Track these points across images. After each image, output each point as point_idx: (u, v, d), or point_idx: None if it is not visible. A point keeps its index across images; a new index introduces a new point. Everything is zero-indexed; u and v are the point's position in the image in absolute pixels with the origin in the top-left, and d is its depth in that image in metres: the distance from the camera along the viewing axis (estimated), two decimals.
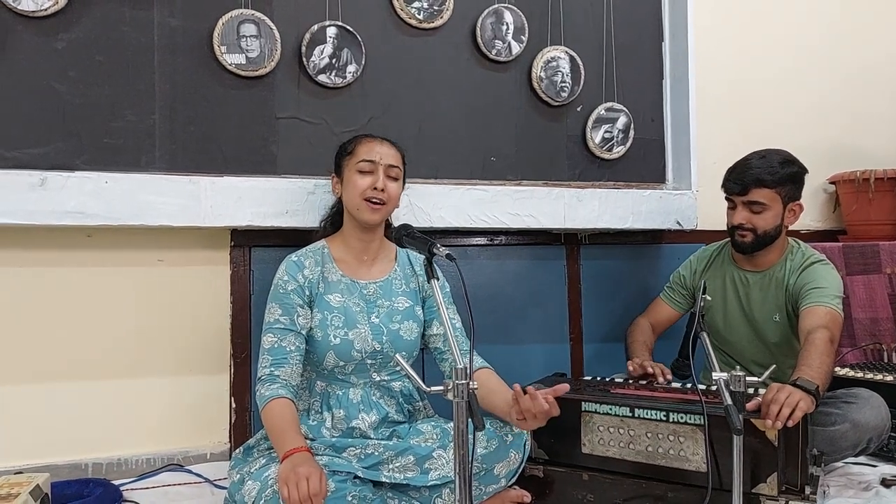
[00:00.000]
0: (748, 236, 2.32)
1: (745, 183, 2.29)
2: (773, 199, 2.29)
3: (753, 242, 2.33)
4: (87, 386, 2.35)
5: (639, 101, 2.94)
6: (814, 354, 2.01)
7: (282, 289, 1.98)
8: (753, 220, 2.30)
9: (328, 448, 1.89)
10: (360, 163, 2.02)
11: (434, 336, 2.13)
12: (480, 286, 2.79)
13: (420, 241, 1.82)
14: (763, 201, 2.28)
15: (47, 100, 2.17)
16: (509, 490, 2.03)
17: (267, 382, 1.87)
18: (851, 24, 3.48)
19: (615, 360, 2.94)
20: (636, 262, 3.06)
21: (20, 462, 2.25)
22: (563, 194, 2.69)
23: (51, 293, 2.31)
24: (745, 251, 2.37)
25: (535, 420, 1.74)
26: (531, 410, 1.73)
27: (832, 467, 2.27)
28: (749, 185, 2.28)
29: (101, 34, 2.22)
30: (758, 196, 2.28)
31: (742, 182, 2.30)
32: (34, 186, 2.08)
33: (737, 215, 2.33)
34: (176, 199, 2.22)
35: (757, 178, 2.27)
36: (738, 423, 1.63)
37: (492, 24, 2.67)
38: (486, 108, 2.71)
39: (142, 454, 2.38)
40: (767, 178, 2.27)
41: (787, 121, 3.33)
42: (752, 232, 2.31)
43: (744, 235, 2.33)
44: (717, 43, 3.19)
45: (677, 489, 1.92)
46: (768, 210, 2.29)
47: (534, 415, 1.73)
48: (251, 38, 2.33)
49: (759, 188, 2.28)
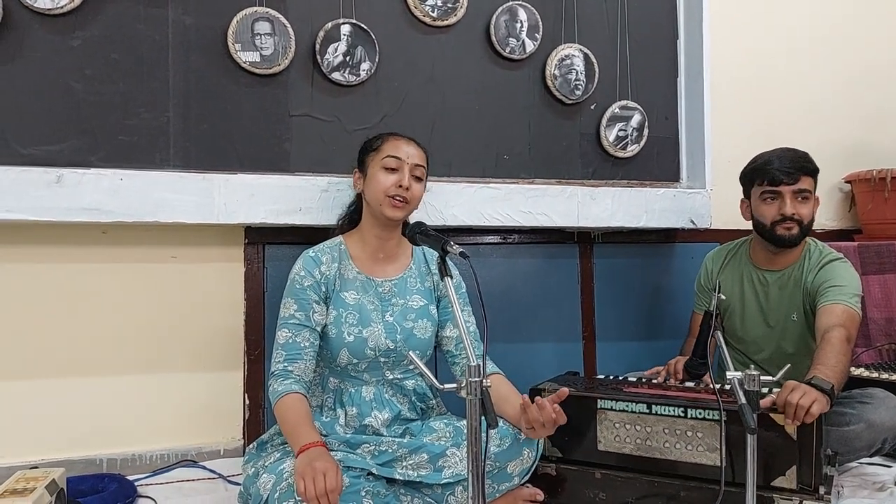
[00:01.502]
0: (795, 228, 2.27)
1: (795, 170, 2.24)
2: (813, 187, 2.28)
3: (799, 235, 2.28)
4: (101, 382, 2.37)
5: (653, 99, 2.92)
6: (830, 353, 2.00)
7: (298, 284, 1.98)
8: (800, 209, 2.27)
9: (342, 444, 1.89)
10: (387, 158, 2.01)
11: (447, 338, 2.12)
12: (493, 284, 2.79)
13: (434, 238, 1.81)
14: (809, 189, 2.26)
15: (63, 97, 2.18)
16: (522, 488, 2.02)
17: (280, 377, 1.87)
18: (867, 21, 3.46)
19: (628, 359, 2.95)
20: (650, 260, 3.05)
21: (36, 457, 2.27)
22: (576, 192, 2.68)
23: (66, 289, 2.33)
24: (792, 244, 2.30)
25: (544, 429, 1.76)
26: (539, 420, 1.74)
27: (846, 467, 2.25)
28: (798, 173, 2.25)
29: (116, 32, 2.24)
30: (806, 184, 2.26)
31: (793, 169, 2.25)
32: (50, 183, 2.09)
33: (788, 206, 2.26)
34: (190, 197, 2.23)
35: (803, 166, 2.25)
36: (753, 422, 1.63)
37: (506, 21, 2.67)
38: (499, 106, 2.71)
39: (156, 450, 2.40)
40: (810, 166, 2.26)
41: (803, 119, 3.31)
42: (798, 224, 2.27)
43: (790, 227, 2.27)
44: (731, 40, 3.18)
45: (690, 488, 1.92)
46: (811, 199, 2.28)
47: (542, 424, 1.74)
48: (265, 36, 2.34)
49: (805, 176, 2.25)
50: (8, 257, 2.27)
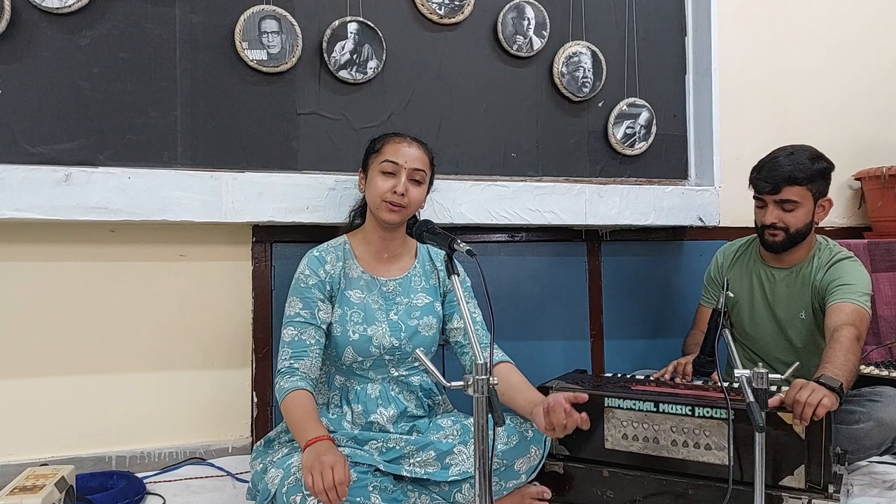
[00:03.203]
0: (780, 235, 2.29)
1: (776, 181, 2.24)
2: (804, 196, 2.25)
3: (785, 241, 2.29)
4: (110, 380, 2.38)
5: (661, 97, 2.92)
6: (839, 352, 1.99)
7: (303, 283, 1.98)
8: (785, 218, 2.27)
9: (350, 440, 1.90)
10: (384, 163, 2.01)
11: (455, 330, 2.12)
12: (501, 282, 2.79)
13: (441, 236, 1.81)
14: (795, 199, 2.25)
15: (71, 96, 2.19)
16: (529, 486, 2.03)
17: (286, 375, 1.88)
18: (877, 18, 3.43)
19: (637, 357, 2.94)
20: (658, 258, 3.04)
21: (46, 454, 2.29)
22: (584, 190, 2.67)
23: (74, 288, 2.34)
24: (776, 250, 2.33)
25: (565, 431, 1.75)
26: (563, 424, 1.73)
27: (856, 466, 2.25)
28: (781, 184, 2.24)
29: (124, 31, 2.24)
30: (790, 194, 2.24)
31: (773, 180, 2.25)
32: (59, 182, 2.10)
33: (768, 215, 2.28)
34: (198, 195, 2.23)
35: (788, 175, 2.23)
36: (761, 420, 1.62)
37: (513, 19, 2.66)
38: (506, 103, 2.70)
39: (164, 447, 2.41)
40: (799, 175, 2.23)
41: (812, 116, 3.29)
42: (783, 231, 2.28)
43: (775, 235, 2.29)
44: (740, 37, 3.16)
45: (698, 486, 1.91)
46: (800, 208, 2.26)
47: (564, 426, 1.74)
48: (272, 34, 2.34)
49: (790, 186, 2.24)
50: (16, 256, 2.28)
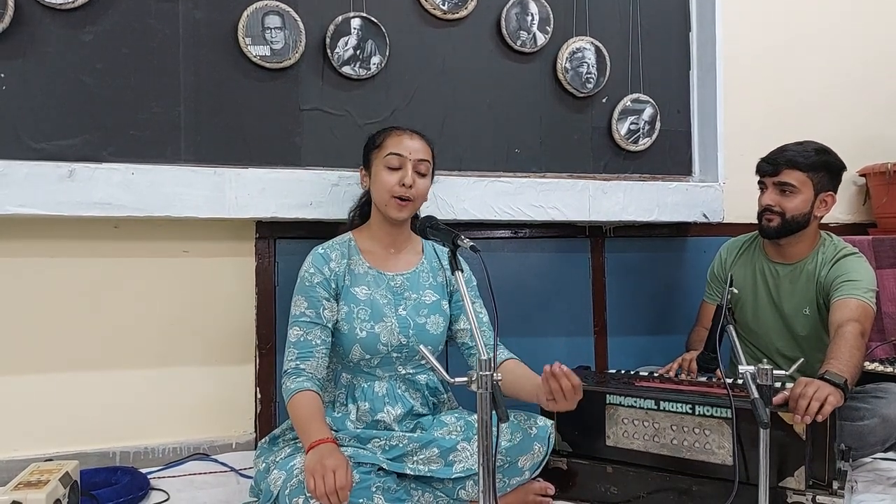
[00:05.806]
0: (775, 220, 2.29)
1: (777, 163, 2.28)
2: (803, 182, 2.26)
3: (780, 227, 2.29)
4: (114, 376, 2.38)
5: (665, 92, 2.91)
6: (843, 348, 1.99)
7: (308, 281, 1.98)
8: (782, 202, 2.28)
9: (352, 439, 1.90)
10: (389, 157, 2.00)
11: (462, 331, 2.12)
12: (504, 279, 2.79)
13: (444, 232, 1.80)
14: (793, 183, 2.26)
15: (75, 92, 2.19)
16: (533, 482, 2.02)
17: (293, 375, 1.88)
18: (883, 13, 3.42)
19: (640, 354, 2.93)
20: (661, 254, 3.03)
21: (50, 450, 2.29)
22: (587, 186, 2.67)
23: (78, 283, 2.34)
24: (770, 236, 2.34)
25: (565, 401, 1.74)
26: (560, 389, 1.72)
27: (860, 463, 2.24)
28: (781, 166, 2.27)
29: (127, 26, 2.24)
30: (788, 177, 2.26)
31: (774, 162, 2.29)
32: (62, 178, 2.10)
33: (765, 197, 2.32)
34: (201, 191, 2.23)
35: (790, 159, 2.26)
36: (765, 416, 1.62)
37: (517, 14, 2.65)
38: (510, 99, 2.70)
39: (168, 443, 2.41)
40: (800, 160, 2.25)
41: (817, 112, 3.28)
42: (779, 216, 2.28)
43: (771, 219, 2.30)
44: (744, 33, 3.15)
45: (702, 483, 1.91)
46: (798, 194, 2.26)
47: (563, 394, 1.73)
48: (276, 30, 2.33)
49: (790, 169, 2.26)
50: (20, 251, 2.28)
